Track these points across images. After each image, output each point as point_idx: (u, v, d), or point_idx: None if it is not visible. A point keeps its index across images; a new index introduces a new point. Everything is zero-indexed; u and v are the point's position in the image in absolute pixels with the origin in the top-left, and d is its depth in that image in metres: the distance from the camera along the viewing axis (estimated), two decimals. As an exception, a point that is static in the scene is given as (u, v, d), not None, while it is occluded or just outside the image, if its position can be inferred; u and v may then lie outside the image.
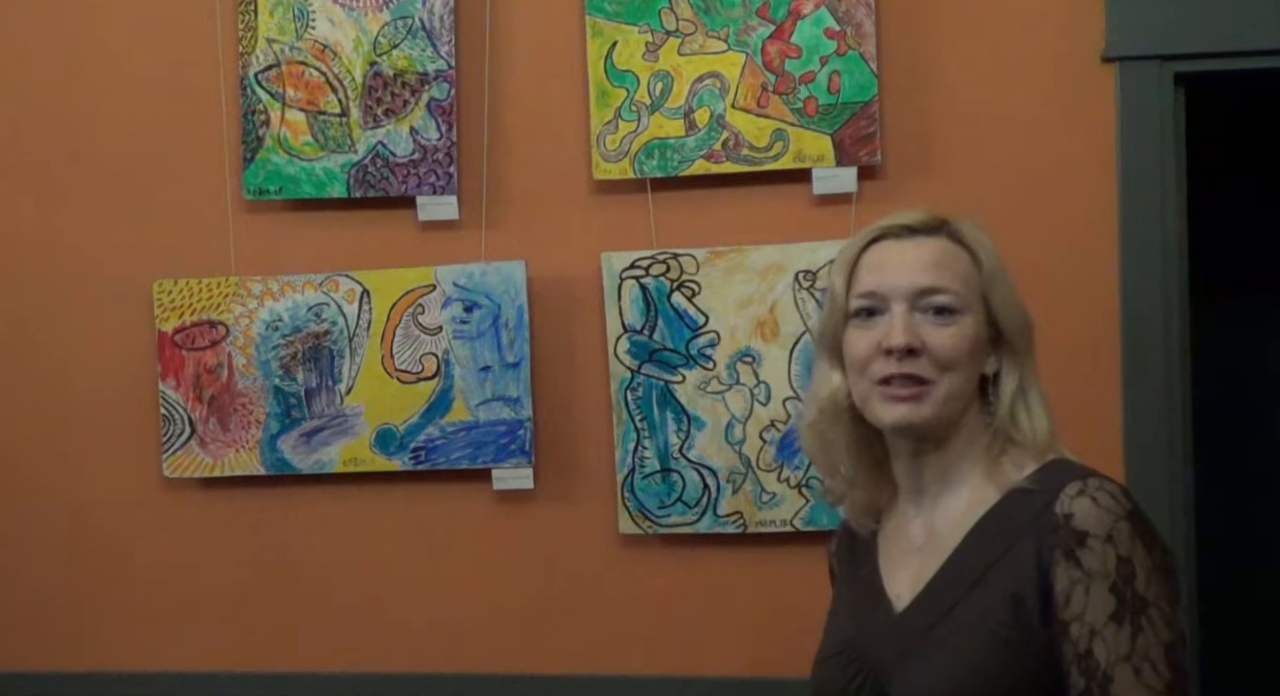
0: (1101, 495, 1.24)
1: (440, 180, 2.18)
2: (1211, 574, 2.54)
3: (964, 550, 1.32)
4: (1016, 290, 1.38)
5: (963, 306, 1.34)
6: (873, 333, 1.34)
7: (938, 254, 1.35)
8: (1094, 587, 1.22)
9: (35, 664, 2.34)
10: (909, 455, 1.38)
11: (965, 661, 1.26)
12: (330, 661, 2.26)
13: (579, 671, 2.19)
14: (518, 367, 2.16)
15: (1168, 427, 2.02)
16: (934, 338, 1.32)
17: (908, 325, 1.32)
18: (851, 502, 1.46)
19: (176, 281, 2.25)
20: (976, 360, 1.35)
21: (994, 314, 1.35)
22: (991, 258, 1.37)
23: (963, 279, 1.35)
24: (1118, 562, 1.21)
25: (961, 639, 1.27)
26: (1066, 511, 1.24)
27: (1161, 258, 2.02)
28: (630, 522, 2.14)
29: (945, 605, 1.30)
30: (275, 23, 2.22)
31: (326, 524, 2.26)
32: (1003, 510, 1.31)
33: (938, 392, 1.32)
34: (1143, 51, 2.02)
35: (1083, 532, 1.23)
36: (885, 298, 1.34)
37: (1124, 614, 1.21)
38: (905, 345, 1.31)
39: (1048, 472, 1.31)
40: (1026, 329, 1.37)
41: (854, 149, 2.07)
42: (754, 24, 2.10)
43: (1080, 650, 1.21)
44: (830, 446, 1.43)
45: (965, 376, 1.34)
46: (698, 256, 2.11)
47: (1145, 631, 1.20)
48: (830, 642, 1.43)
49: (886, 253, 1.37)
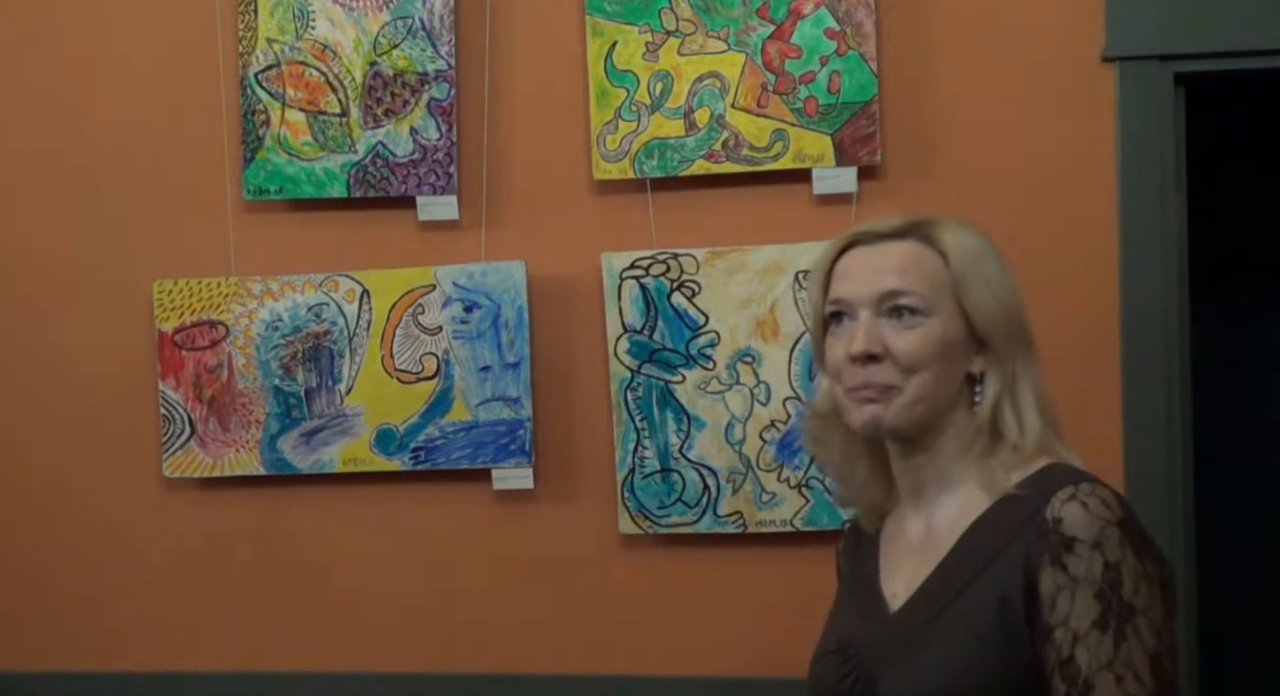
0: (1092, 501, 1.24)
1: (440, 180, 2.18)
2: (1211, 574, 2.54)
3: (957, 553, 1.32)
4: (1007, 288, 1.36)
5: (927, 308, 1.33)
6: (843, 339, 1.36)
7: (902, 257, 1.35)
8: (1079, 593, 1.21)
9: (35, 664, 2.33)
10: (900, 456, 1.39)
11: (951, 663, 1.26)
12: (330, 661, 2.25)
13: (579, 671, 2.18)
14: (518, 368, 2.16)
15: (1167, 427, 2.02)
16: (897, 341, 1.32)
17: (869, 331, 1.33)
18: (859, 504, 1.48)
19: (176, 281, 2.25)
20: (952, 361, 1.34)
21: (967, 314, 1.34)
22: (964, 258, 1.35)
23: (929, 281, 1.34)
24: (1104, 569, 1.21)
25: (948, 641, 1.27)
26: (1056, 516, 1.24)
27: (1161, 257, 2.01)
28: (630, 522, 2.14)
29: (936, 607, 1.31)
30: (275, 23, 2.22)
31: (326, 524, 2.26)
32: (995, 514, 1.31)
33: (905, 396, 1.32)
34: (1143, 51, 2.01)
35: (1070, 538, 1.22)
36: (851, 304, 1.36)
37: (1109, 621, 1.20)
38: (864, 351, 1.32)
39: (1042, 477, 1.30)
40: (1011, 328, 1.35)
41: (854, 149, 2.07)
42: (754, 24, 2.10)
43: (1063, 656, 1.21)
44: (828, 449, 1.45)
45: (936, 378, 1.33)
46: (698, 256, 2.11)
47: (1130, 639, 1.19)
48: (827, 640, 1.44)
49: (854, 259, 1.38)
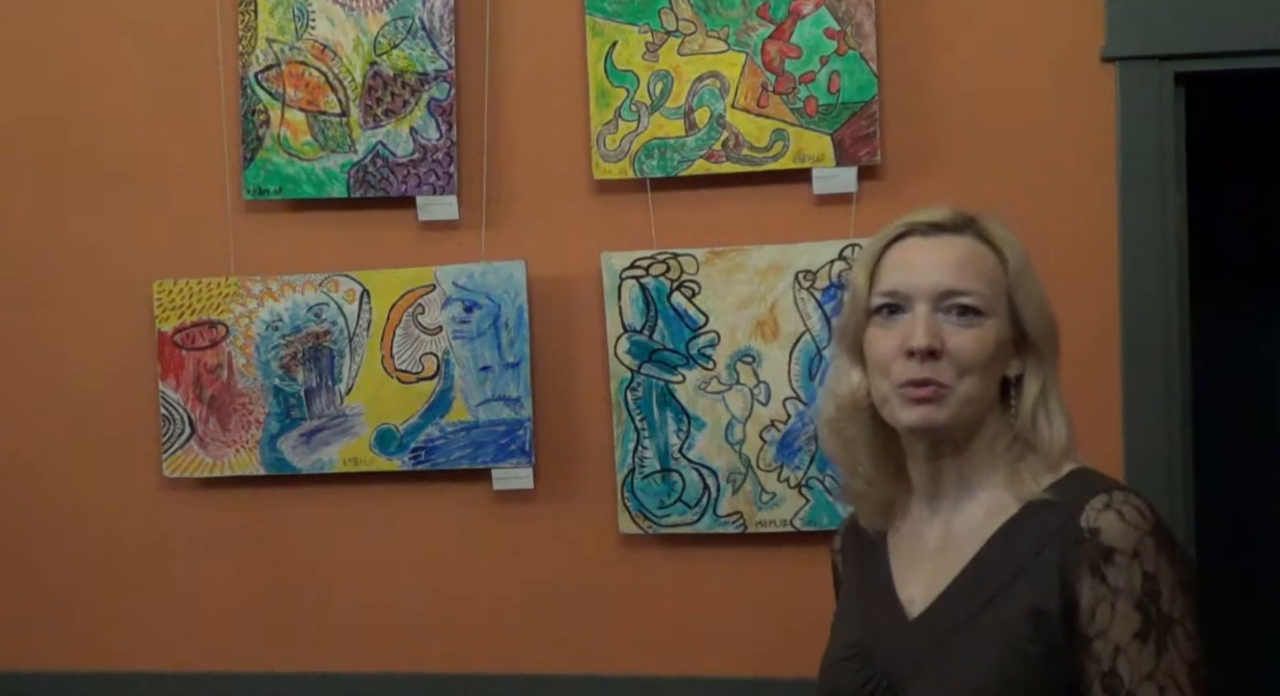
0: (1128, 509, 1.23)
1: (440, 180, 2.18)
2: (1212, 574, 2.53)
3: (983, 558, 1.30)
4: (1045, 292, 1.35)
5: (987, 308, 1.31)
6: (894, 332, 1.32)
7: (963, 253, 1.32)
8: (1120, 604, 1.20)
9: (36, 664, 2.33)
10: (926, 458, 1.36)
11: (983, 673, 1.24)
12: (330, 661, 2.25)
13: (579, 671, 2.18)
14: (518, 368, 2.16)
15: (1167, 427, 2.02)
16: (956, 340, 1.30)
17: (930, 326, 1.30)
18: (868, 501, 1.43)
19: (176, 281, 2.25)
20: (998, 363, 1.32)
21: (1019, 316, 1.33)
22: (1018, 258, 1.34)
23: (988, 280, 1.32)
24: (1144, 579, 1.20)
25: (980, 649, 1.25)
26: (1093, 525, 1.23)
27: (1161, 257, 2.01)
28: (630, 522, 2.14)
29: (963, 614, 1.28)
30: (275, 23, 2.22)
31: (326, 524, 2.26)
32: (1024, 520, 1.29)
33: (956, 396, 1.30)
34: (1143, 51, 2.01)
35: (1109, 548, 1.21)
36: (908, 296, 1.32)
37: (1149, 632, 1.20)
38: (928, 347, 1.28)
39: (1071, 484, 1.29)
40: (1052, 332, 1.35)
41: (854, 149, 2.07)
42: (754, 24, 2.10)
43: (1104, 667, 1.21)
44: (850, 444, 1.41)
45: (985, 380, 1.31)
46: (698, 256, 2.11)
47: (1170, 650, 1.20)
48: (839, 645, 1.41)
49: (911, 250, 1.34)
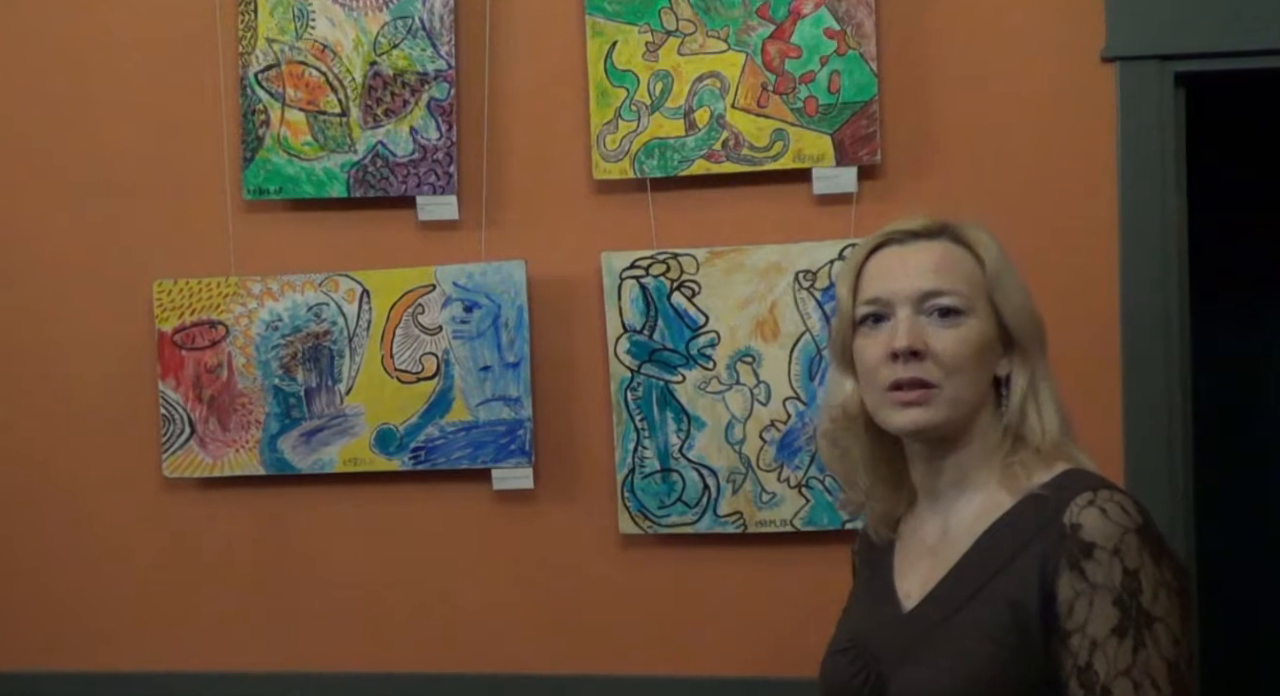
0: (1111, 507, 1.23)
1: (440, 180, 2.18)
2: (1211, 574, 2.54)
3: (973, 555, 1.32)
4: (1028, 291, 1.38)
5: (967, 308, 1.33)
6: (880, 339, 1.34)
7: (940, 257, 1.35)
8: (1097, 599, 1.21)
9: (35, 664, 2.33)
10: (925, 458, 1.38)
11: (962, 665, 1.25)
12: (330, 661, 2.25)
13: (579, 671, 2.18)
14: (518, 368, 2.16)
15: (1168, 427, 2.02)
16: (939, 340, 1.32)
17: (911, 328, 1.32)
18: (869, 513, 1.46)
19: (176, 281, 2.25)
20: (986, 362, 1.34)
21: (1001, 315, 1.35)
22: (995, 259, 1.36)
23: (967, 280, 1.34)
24: (1124, 576, 1.20)
25: (960, 642, 1.27)
26: (1075, 521, 1.23)
27: (1161, 257, 2.01)
28: (630, 522, 2.14)
29: (949, 608, 1.30)
30: (275, 23, 2.22)
31: (326, 524, 2.26)
32: (1013, 517, 1.31)
33: (945, 395, 1.32)
34: (1143, 51, 2.01)
35: (1089, 544, 1.22)
36: (890, 303, 1.35)
37: (1127, 628, 1.20)
38: (909, 347, 1.31)
39: (1062, 481, 1.30)
40: (1037, 329, 1.37)
41: (854, 149, 2.07)
42: (754, 24, 2.10)
43: (1080, 662, 1.21)
44: (845, 455, 1.44)
45: (973, 379, 1.33)
46: (698, 256, 2.11)
47: (1148, 647, 1.19)
48: (840, 637, 1.43)
49: (890, 258, 1.37)
